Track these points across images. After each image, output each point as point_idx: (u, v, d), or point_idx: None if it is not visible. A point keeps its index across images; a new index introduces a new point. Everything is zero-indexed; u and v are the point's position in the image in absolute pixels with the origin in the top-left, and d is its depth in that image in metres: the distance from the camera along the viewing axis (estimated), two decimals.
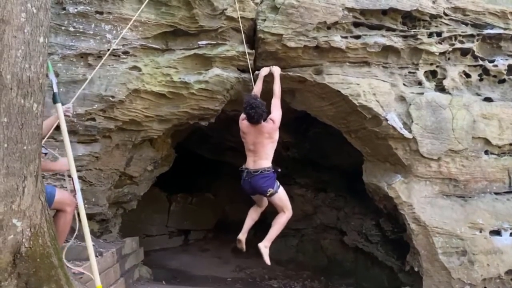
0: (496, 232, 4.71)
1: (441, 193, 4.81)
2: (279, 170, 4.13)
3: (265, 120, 4.00)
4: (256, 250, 4.14)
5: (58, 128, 3.16)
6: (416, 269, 4.82)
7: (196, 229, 9.02)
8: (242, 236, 4.19)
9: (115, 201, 5.30)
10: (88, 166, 4.59)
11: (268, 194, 4.01)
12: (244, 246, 4.21)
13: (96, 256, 3.33)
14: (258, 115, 3.92)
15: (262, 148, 4.03)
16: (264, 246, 4.10)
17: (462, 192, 4.81)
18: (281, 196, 4.09)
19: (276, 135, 4.09)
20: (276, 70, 4.43)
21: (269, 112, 4.07)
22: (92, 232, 4.02)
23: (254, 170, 4.00)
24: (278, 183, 4.07)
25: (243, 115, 4.09)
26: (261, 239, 4.16)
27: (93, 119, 4.47)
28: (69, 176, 3.04)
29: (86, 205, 3.42)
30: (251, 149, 4.06)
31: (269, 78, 4.54)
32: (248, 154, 4.10)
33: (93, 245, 3.26)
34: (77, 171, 3.06)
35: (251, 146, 4.06)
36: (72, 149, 3.07)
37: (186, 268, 7.23)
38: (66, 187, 3.96)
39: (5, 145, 2.40)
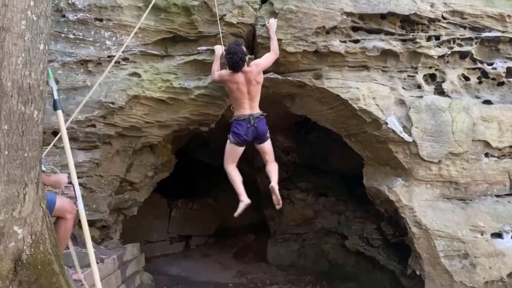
0: (498, 235, 4.69)
1: (442, 196, 4.80)
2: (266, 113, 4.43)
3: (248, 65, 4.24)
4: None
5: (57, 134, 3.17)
6: (418, 272, 4.81)
7: (197, 234, 9.01)
8: (246, 198, 4.34)
9: (115, 208, 5.29)
10: (88, 173, 4.59)
11: (267, 136, 4.39)
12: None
13: (97, 263, 3.32)
14: (239, 59, 4.10)
15: (257, 93, 4.32)
16: (275, 186, 4.33)
17: (463, 195, 4.81)
18: (270, 143, 4.49)
19: (261, 78, 4.33)
20: (272, 26, 4.36)
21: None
22: (93, 239, 4.02)
23: (260, 113, 4.33)
24: None
25: (222, 71, 4.28)
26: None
27: (94, 126, 4.48)
28: (70, 183, 3.04)
29: (87, 212, 3.42)
30: (247, 97, 4.28)
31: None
32: (242, 104, 4.31)
33: (94, 251, 3.26)
34: (78, 177, 3.06)
35: (247, 95, 4.27)
36: (72, 156, 3.07)
37: (188, 274, 7.22)
38: (67, 194, 3.98)
39: (6, 152, 2.40)
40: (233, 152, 4.41)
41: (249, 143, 4.40)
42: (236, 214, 4.30)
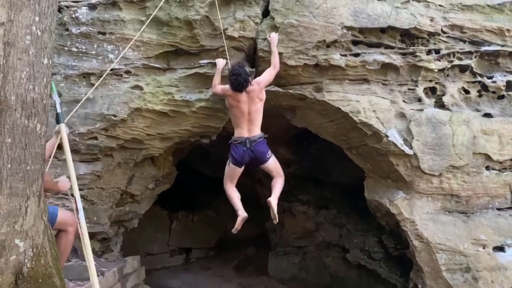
0: (500, 248, 4.67)
1: (443, 209, 4.80)
2: (266, 135, 4.35)
3: (250, 84, 4.21)
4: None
5: (60, 147, 3.19)
6: (420, 286, 4.77)
7: (197, 247, 8.95)
8: (243, 212, 4.27)
9: (116, 220, 5.29)
10: (89, 185, 4.60)
11: (267, 158, 4.28)
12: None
13: (98, 276, 3.31)
14: (243, 80, 4.10)
15: (258, 115, 4.25)
16: (274, 200, 4.23)
17: (464, 208, 4.80)
18: (275, 160, 4.40)
19: (264, 95, 4.30)
20: (273, 40, 4.36)
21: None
22: (93, 251, 4.00)
23: (257, 136, 4.23)
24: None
25: (225, 86, 4.25)
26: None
27: (95, 138, 4.50)
28: (72, 195, 3.05)
29: (87, 224, 3.42)
30: (246, 118, 4.23)
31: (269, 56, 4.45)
32: (240, 124, 4.26)
33: (95, 264, 3.25)
34: (79, 190, 3.07)
35: (246, 115, 4.22)
36: (74, 168, 3.08)
37: (188, 287, 7.16)
38: (68, 206, 3.99)
39: (9, 165, 2.41)
40: (232, 173, 4.38)
41: (248, 164, 4.36)
42: (234, 230, 4.24)
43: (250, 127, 4.24)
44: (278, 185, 4.35)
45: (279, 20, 4.43)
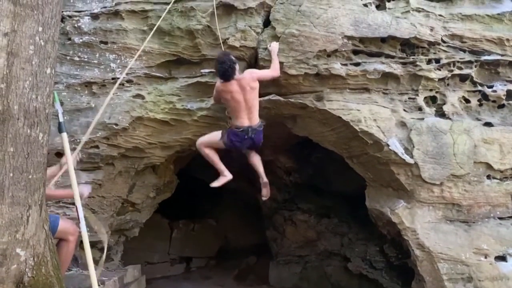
0: (502, 258, 4.65)
1: (444, 218, 4.78)
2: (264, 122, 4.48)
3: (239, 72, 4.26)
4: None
5: (61, 155, 3.20)
6: None
7: (198, 256, 8.92)
8: (229, 173, 4.45)
9: (117, 229, 5.29)
10: (90, 194, 4.59)
11: (261, 143, 4.44)
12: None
13: (98, 285, 3.30)
14: (228, 66, 4.13)
15: (254, 102, 4.29)
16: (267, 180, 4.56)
17: (465, 217, 4.78)
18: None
19: (257, 85, 4.30)
20: (274, 49, 4.41)
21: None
22: (94, 261, 3.99)
23: (258, 125, 4.34)
24: None
25: (217, 84, 4.30)
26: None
27: (97, 147, 4.52)
28: (73, 204, 3.05)
29: (88, 233, 3.42)
30: (244, 107, 4.26)
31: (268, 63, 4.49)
32: (240, 114, 4.29)
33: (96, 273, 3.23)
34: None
35: (243, 104, 4.24)
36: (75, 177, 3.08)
37: None
38: (69, 215, 3.99)
39: (11, 174, 2.43)
40: (215, 145, 4.45)
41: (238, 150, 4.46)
42: (212, 184, 4.40)
43: (249, 115, 4.29)
44: (260, 164, 4.59)
45: (280, 30, 4.46)
